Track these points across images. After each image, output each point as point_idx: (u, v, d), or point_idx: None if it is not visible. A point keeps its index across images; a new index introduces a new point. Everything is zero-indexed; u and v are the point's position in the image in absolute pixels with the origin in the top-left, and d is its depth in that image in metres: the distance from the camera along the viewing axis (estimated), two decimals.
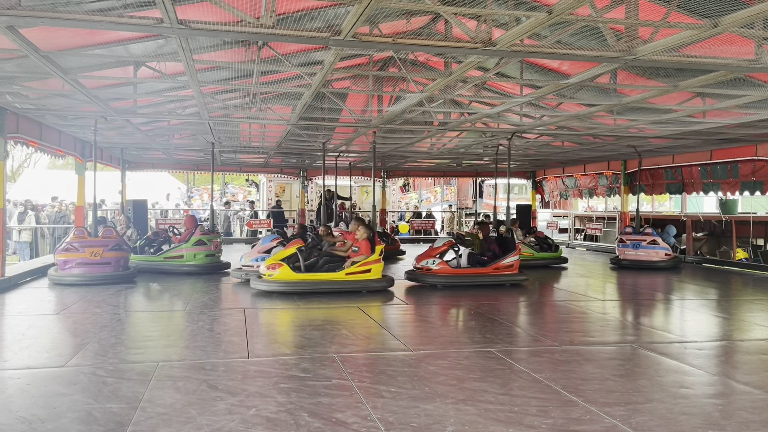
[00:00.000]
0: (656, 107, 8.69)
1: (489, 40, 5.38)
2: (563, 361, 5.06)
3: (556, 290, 9.70)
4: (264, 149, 15.03)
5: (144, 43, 6.43)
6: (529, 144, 13.67)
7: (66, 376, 4.47)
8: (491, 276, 9.71)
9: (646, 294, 9.25)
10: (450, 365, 4.89)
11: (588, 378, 4.56)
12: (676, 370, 4.86)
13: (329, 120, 10.55)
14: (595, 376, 4.62)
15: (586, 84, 7.40)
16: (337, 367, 4.74)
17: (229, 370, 4.66)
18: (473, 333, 6.22)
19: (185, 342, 5.69)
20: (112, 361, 4.87)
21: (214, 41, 6.16)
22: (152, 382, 4.30)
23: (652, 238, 12.58)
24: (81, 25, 4.86)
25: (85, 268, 9.35)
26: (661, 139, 11.98)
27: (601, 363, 5.03)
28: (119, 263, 9.67)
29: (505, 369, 4.80)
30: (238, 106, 9.56)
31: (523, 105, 9.02)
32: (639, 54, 5.58)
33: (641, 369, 4.89)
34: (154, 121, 11.07)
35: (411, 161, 18.38)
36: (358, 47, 5.62)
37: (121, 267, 9.72)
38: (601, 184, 18.20)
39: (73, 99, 8.56)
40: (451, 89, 8.22)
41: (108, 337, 5.71)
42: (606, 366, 4.94)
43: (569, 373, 4.70)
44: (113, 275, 9.46)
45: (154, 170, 19.98)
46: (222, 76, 7.92)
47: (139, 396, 3.98)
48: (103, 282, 9.25)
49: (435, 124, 11.13)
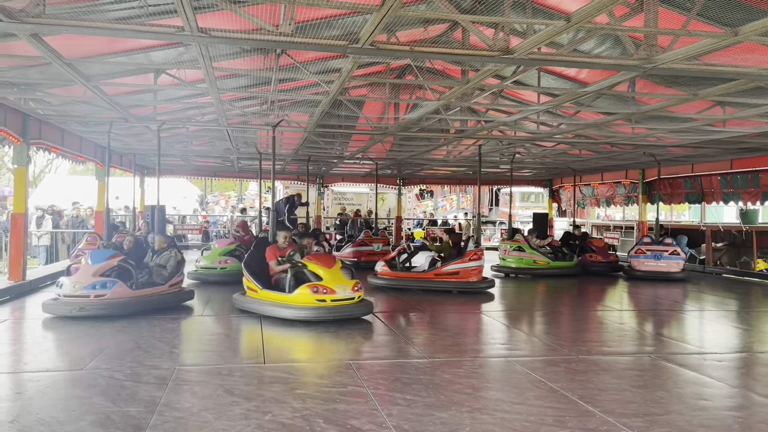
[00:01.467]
0: (675, 116, 8.62)
1: (506, 48, 5.38)
2: (580, 370, 5.01)
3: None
4: (281, 156, 15.13)
5: (164, 51, 6.52)
6: (546, 152, 13.61)
7: (85, 379, 4.52)
8: (433, 282, 9.71)
9: (664, 304, 9.14)
10: (466, 374, 4.87)
11: (605, 388, 4.51)
12: (696, 381, 4.80)
13: (346, 127, 10.59)
14: (613, 386, 4.57)
15: (604, 92, 7.36)
16: (352, 373, 4.74)
17: (245, 375, 4.68)
18: (485, 339, 6.19)
19: (203, 346, 5.72)
20: (129, 365, 4.91)
21: (234, 49, 6.24)
22: (169, 386, 4.33)
23: (673, 248, 12.31)
24: (103, 33, 4.94)
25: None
26: (680, 147, 11.87)
27: (619, 373, 4.98)
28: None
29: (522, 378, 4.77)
30: (256, 113, 9.65)
31: (540, 113, 8.99)
32: (658, 62, 5.54)
33: (660, 380, 4.83)
34: (173, 127, 11.19)
35: (427, 169, 18.39)
36: (375, 55, 5.65)
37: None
38: (619, 193, 18.06)
39: (94, 105, 8.69)
40: (468, 97, 8.23)
41: (125, 342, 5.77)
42: (623, 376, 4.89)
43: (586, 383, 4.65)
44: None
45: (172, 176, 20.18)
46: (240, 84, 8.00)
47: (157, 400, 4.01)
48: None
49: (451, 132, 11.14)
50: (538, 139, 11.60)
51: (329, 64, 7.13)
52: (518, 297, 9.88)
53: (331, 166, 18.00)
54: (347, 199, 25.04)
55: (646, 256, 12.45)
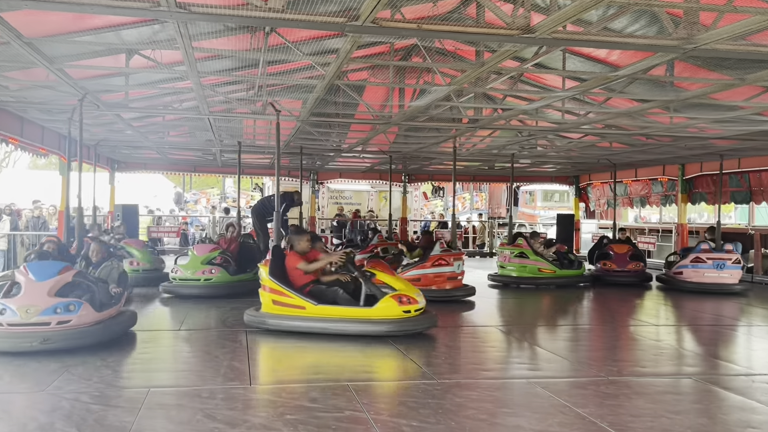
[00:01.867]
0: (719, 103, 8.60)
1: (527, 27, 5.38)
2: (610, 394, 5.00)
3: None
4: (270, 149, 15.14)
5: (138, 28, 6.53)
6: (572, 144, 13.60)
7: (46, 401, 4.52)
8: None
9: (705, 318, 9.13)
10: (480, 397, 4.86)
11: (639, 414, 4.50)
12: (742, 407, 4.78)
13: (344, 116, 10.59)
14: (647, 412, 4.56)
15: (638, 76, 7.35)
16: (350, 396, 4.74)
17: (228, 398, 4.68)
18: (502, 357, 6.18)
19: (180, 365, 5.73)
20: (97, 386, 4.91)
21: (216, 27, 6.24)
22: (142, 410, 4.33)
23: (736, 255, 11.83)
24: (69, 9, 4.95)
25: None
26: (725, 140, 11.84)
27: (654, 397, 4.97)
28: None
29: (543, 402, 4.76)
30: (241, 99, 9.64)
31: (565, 100, 8.98)
32: (700, 42, 5.53)
33: (701, 405, 4.82)
34: (148, 116, 11.20)
35: (436, 163, 18.39)
36: (378, 34, 5.65)
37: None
38: (655, 192, 18.04)
39: (58, 91, 8.70)
40: (483, 82, 8.22)
41: (92, 359, 5.77)
42: (660, 401, 4.87)
43: (617, 408, 4.64)
44: None
45: (146, 171, 20.22)
46: (224, 66, 8.00)
47: (128, 426, 4.01)
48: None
49: (464, 122, 11.13)
50: (562, 130, 11.58)
51: (325, 44, 7.12)
52: (531, 309, 9.87)
53: (326, 161, 18.02)
54: (345, 198, 25.06)
55: (707, 266, 11.83)
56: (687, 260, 12.17)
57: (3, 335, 5.87)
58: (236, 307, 8.59)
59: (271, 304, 7.20)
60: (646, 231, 19.81)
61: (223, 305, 9.01)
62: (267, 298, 7.24)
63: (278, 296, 7.17)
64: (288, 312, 7.10)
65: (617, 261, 13.08)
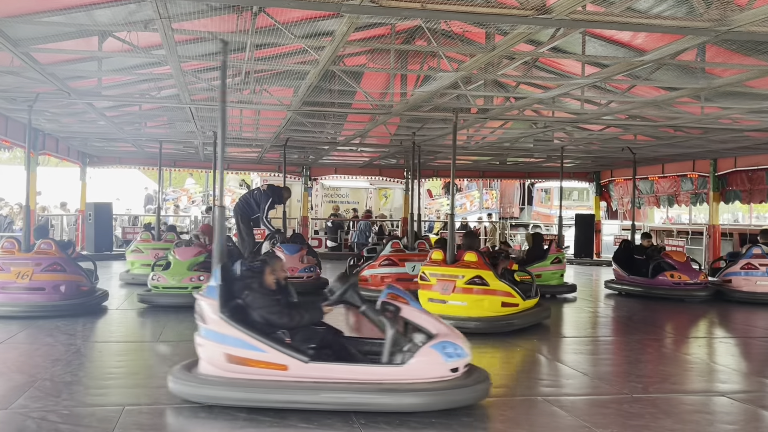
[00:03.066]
0: (755, 92, 8.60)
1: (543, 6, 5.37)
2: (635, 413, 5.01)
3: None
4: (258, 141, 15.14)
5: (111, 8, 6.51)
6: (593, 137, 13.60)
7: (10, 421, 4.52)
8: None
9: (739, 330, 9.13)
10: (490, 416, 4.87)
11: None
12: None
13: (340, 105, 10.59)
14: None
15: (665, 62, 7.34)
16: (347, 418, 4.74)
17: (212, 417, 4.67)
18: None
19: (158, 381, 5.72)
20: (66, 404, 4.91)
21: (199, 6, 6.23)
22: (116, 431, 4.33)
23: None
24: None
25: (9, 295, 8.65)
26: (761, 132, 11.84)
27: (684, 417, 4.97)
28: (59, 289, 8.88)
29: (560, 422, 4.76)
30: (227, 87, 9.63)
31: (585, 88, 8.98)
32: (734, 24, 5.52)
33: (736, 426, 4.82)
34: (123, 104, 11.20)
35: (442, 158, 18.39)
36: (377, 14, 5.64)
37: (65, 295, 8.91)
38: (684, 190, 18.04)
39: (23, 77, 8.70)
40: (494, 68, 8.22)
41: (62, 374, 5.77)
42: (690, 421, 4.88)
43: (642, 428, 4.65)
44: (53, 305, 8.74)
45: (121, 166, 20.22)
46: (207, 50, 7.99)
47: None
48: (39, 314, 8.53)
49: (473, 112, 11.13)
50: (582, 121, 11.57)
51: (319, 26, 7.12)
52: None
53: (320, 155, 18.01)
54: (341, 196, 25.06)
55: (761, 273, 11.49)
56: (736, 266, 11.84)
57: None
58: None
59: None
60: (674, 233, 19.83)
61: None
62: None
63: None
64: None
65: (685, 271, 12.01)
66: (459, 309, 7.94)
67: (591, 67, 8.21)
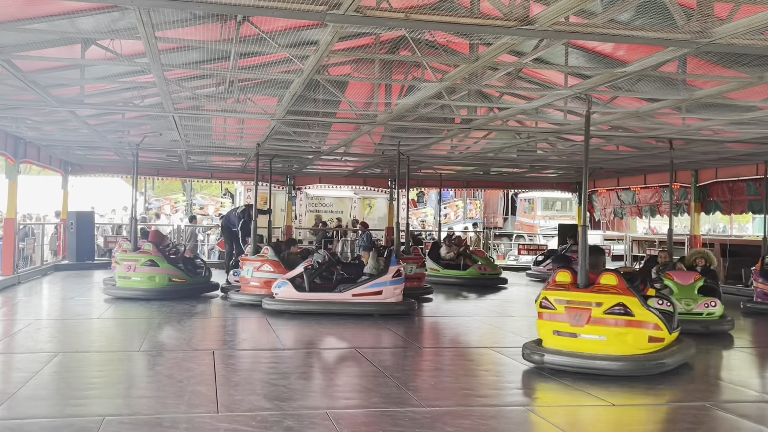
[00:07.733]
0: (736, 104, 8.68)
1: (526, 17, 5.40)
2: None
3: None
4: (242, 150, 15.10)
5: (95, 16, 6.49)
6: (575, 148, 13.67)
7: None
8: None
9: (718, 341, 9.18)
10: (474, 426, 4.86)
11: None
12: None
13: (324, 114, 10.59)
14: None
15: (647, 73, 7.40)
16: (329, 426, 4.72)
17: (193, 428, 4.64)
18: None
19: (138, 391, 5.68)
20: (45, 413, 4.85)
21: (183, 15, 6.21)
22: None
23: None
24: None
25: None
26: (741, 144, 11.96)
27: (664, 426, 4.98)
28: None
29: None
30: (210, 96, 9.61)
31: (567, 99, 9.03)
32: (715, 37, 5.58)
33: None
34: (106, 113, 11.13)
35: (426, 168, 18.43)
36: (361, 24, 5.64)
37: None
38: (666, 200, 18.15)
39: (4, 85, 8.63)
40: (478, 78, 8.25)
41: (41, 383, 5.70)
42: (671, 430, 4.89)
43: None
44: None
45: (104, 175, 20.10)
46: (191, 59, 7.97)
47: None
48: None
49: (457, 122, 11.16)
50: (565, 132, 11.64)
51: (303, 35, 7.12)
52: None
53: (305, 164, 17.99)
54: (325, 205, 25.01)
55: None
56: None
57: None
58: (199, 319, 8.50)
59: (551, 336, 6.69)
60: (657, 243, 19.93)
61: (185, 319, 8.96)
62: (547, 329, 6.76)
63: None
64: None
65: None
66: (596, 345, 6.56)
67: (574, 78, 8.27)
